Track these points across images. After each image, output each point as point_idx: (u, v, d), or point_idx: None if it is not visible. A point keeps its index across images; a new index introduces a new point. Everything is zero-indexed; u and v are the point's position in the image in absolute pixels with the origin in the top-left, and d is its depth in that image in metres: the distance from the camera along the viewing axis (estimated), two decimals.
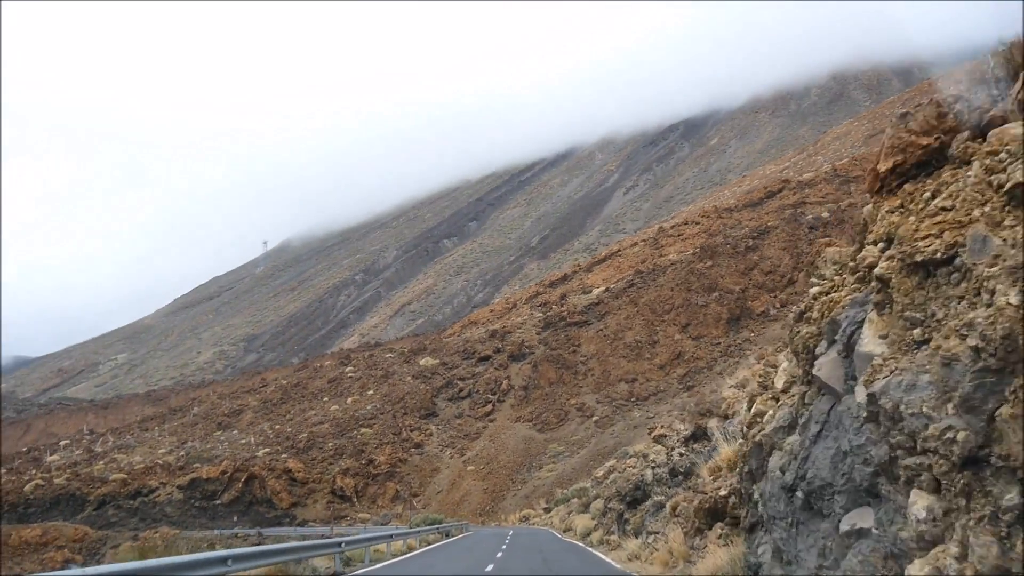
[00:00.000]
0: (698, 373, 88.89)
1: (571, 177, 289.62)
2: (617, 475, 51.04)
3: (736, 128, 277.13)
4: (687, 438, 21.88)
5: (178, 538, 75.55)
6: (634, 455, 54.70)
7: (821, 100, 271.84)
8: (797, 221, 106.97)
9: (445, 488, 79.98)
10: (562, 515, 53.51)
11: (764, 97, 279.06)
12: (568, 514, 49.68)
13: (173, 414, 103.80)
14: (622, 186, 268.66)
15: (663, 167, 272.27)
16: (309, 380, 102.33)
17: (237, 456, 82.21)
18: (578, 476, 77.54)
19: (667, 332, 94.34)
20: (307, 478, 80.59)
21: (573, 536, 37.49)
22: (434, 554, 27.59)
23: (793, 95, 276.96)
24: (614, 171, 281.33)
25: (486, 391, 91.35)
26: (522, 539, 36.63)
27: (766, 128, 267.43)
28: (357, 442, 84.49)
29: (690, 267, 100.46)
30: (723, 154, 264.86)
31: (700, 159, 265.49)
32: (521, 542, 33.93)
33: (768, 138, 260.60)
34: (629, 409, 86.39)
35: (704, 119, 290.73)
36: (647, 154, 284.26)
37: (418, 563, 23.15)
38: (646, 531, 18.07)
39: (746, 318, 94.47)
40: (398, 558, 25.41)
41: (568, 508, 53.92)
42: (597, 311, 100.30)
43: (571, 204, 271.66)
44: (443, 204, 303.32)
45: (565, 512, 53.47)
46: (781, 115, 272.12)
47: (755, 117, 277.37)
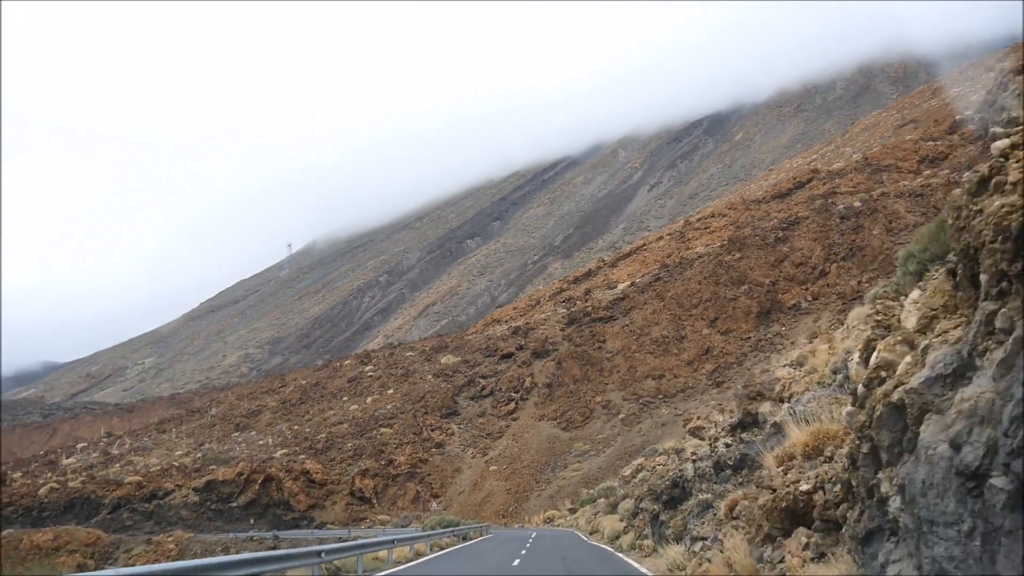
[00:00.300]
0: (728, 368, 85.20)
1: (594, 175, 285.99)
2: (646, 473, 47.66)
3: (761, 123, 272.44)
4: (733, 427, 18.48)
5: (192, 541, 72.91)
6: (664, 452, 51.37)
7: (847, 93, 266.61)
8: (828, 211, 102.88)
9: (467, 489, 76.78)
10: (588, 516, 50.14)
11: (789, 91, 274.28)
12: (594, 515, 46.32)
13: (191, 416, 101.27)
14: (646, 183, 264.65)
15: (687, 164, 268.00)
16: (328, 380, 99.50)
17: (254, 457, 79.45)
18: (604, 476, 74.14)
19: (695, 327, 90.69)
20: (325, 479, 77.66)
21: (600, 539, 34.18)
22: (443, 561, 24.40)
23: (818, 89, 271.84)
24: (638, 168, 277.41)
25: (509, 389, 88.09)
26: (544, 542, 33.34)
27: (791, 123, 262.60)
28: (377, 442, 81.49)
29: (718, 259, 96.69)
30: (748, 149, 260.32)
31: (724, 155, 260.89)
32: (543, 546, 30.65)
33: (793, 133, 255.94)
34: (656, 406, 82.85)
35: (728, 115, 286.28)
36: (671, 151, 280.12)
37: (422, 573, 19.97)
38: (690, 536, 14.69)
39: (777, 311, 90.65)
40: (401, 567, 22.21)
41: (594, 509, 50.54)
42: (622, 306, 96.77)
43: (595, 202, 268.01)
44: (466, 204, 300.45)
45: (591, 513, 50.09)
46: (806, 109, 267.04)
47: (780, 112, 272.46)
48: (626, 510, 34.17)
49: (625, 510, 34.23)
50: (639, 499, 28.25)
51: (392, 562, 22.53)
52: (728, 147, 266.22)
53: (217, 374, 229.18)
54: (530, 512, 71.77)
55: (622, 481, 46.92)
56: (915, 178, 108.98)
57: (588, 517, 49.03)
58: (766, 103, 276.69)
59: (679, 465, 21.06)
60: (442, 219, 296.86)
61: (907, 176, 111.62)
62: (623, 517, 33.63)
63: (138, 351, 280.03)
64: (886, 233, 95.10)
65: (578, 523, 54.18)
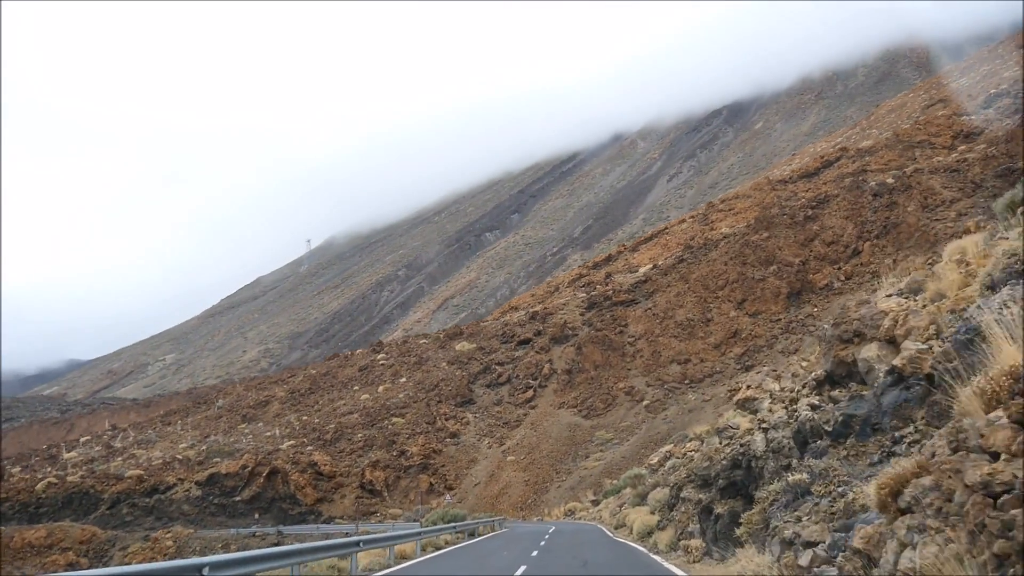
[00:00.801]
0: (757, 352, 79.49)
1: (613, 166, 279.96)
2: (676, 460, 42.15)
3: (781, 111, 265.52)
4: (819, 382, 13.03)
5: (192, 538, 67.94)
6: (695, 437, 45.98)
7: (869, 80, 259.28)
8: (859, 188, 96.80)
9: (483, 480, 71.51)
10: (613, 508, 44.72)
11: (810, 79, 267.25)
12: (620, 507, 40.88)
13: (197, 407, 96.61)
14: (665, 174, 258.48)
15: (707, 153, 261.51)
16: (339, 369, 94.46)
17: (260, 449, 74.53)
18: (628, 465, 68.65)
19: (721, 309, 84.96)
20: (334, 471, 72.64)
21: (628, 535, 28.77)
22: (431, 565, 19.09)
23: (839, 76, 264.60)
24: (657, 159, 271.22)
25: (526, 376, 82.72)
26: (562, 539, 28.02)
27: (812, 110, 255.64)
28: (388, 432, 76.36)
29: (744, 239, 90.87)
30: (768, 138, 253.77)
31: (745, 144, 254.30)
32: (560, 543, 25.32)
33: (815, 120, 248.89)
34: (682, 392, 77.27)
35: (748, 104, 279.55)
36: (690, 141, 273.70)
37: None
38: (779, 538, 9.22)
39: (808, 292, 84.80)
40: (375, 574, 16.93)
41: (619, 500, 45.10)
42: (644, 289, 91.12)
43: (614, 193, 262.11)
44: (485, 197, 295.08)
45: (616, 504, 44.65)
46: (827, 96, 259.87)
47: (800, 99, 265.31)
48: (658, 501, 28.73)
49: (657, 501, 28.79)
50: (677, 487, 22.83)
51: (361, 570, 17.21)
52: (748, 136, 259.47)
53: (237, 369, 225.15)
54: (550, 504, 66.44)
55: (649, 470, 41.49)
56: (949, 153, 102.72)
57: (613, 509, 43.62)
58: (786, 91, 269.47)
59: (743, 439, 15.53)
60: (460, 212, 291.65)
61: (941, 152, 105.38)
62: (655, 509, 28.23)
63: (159, 348, 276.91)
64: (921, 210, 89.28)
65: (602, 516, 48.80)
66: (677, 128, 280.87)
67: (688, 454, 41.83)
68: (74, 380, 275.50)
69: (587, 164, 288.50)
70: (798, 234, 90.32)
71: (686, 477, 21.73)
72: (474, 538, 32.15)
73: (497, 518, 45.32)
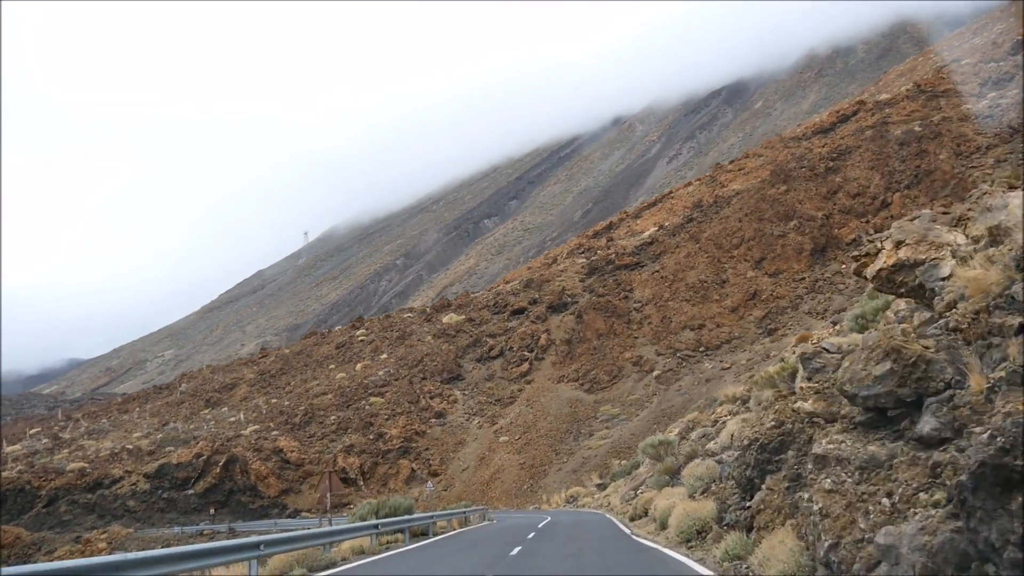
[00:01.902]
0: (781, 314, 68.42)
1: (612, 150, 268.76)
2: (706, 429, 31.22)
3: (781, 90, 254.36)
4: None
5: (130, 538, 56.42)
6: (726, 401, 35.27)
7: (869, 56, 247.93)
8: (884, 137, 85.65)
9: (472, 464, 60.46)
10: (625, 493, 33.61)
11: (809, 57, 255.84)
12: (635, 490, 29.74)
13: (158, 393, 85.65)
14: (664, 156, 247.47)
15: (706, 134, 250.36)
16: (315, 348, 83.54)
17: (218, 436, 63.53)
18: (639, 442, 57.50)
19: (737, 269, 73.83)
20: (302, 459, 61.67)
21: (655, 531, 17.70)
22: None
23: (839, 52, 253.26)
24: (656, 141, 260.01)
25: (521, 348, 71.64)
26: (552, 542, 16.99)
27: (812, 88, 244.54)
28: (365, 413, 65.38)
29: (760, 194, 79.70)
30: (768, 117, 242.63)
31: (745, 123, 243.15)
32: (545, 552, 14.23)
33: (815, 98, 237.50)
34: (697, 360, 66.21)
35: (747, 83, 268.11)
36: (689, 122, 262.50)
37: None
38: None
39: (833, 248, 73.73)
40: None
41: (633, 481, 33.98)
42: (651, 251, 79.97)
43: (612, 177, 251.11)
44: (483, 185, 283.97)
45: (628, 488, 33.51)
46: (828, 74, 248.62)
47: (800, 78, 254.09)
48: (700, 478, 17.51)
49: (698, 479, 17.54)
50: (742, 455, 11.68)
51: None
52: (748, 116, 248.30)
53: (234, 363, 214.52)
54: (549, 490, 55.43)
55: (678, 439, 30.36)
56: (978, 101, 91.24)
57: (625, 494, 32.54)
58: (786, 70, 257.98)
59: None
60: (459, 201, 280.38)
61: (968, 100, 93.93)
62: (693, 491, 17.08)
63: (158, 344, 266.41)
64: (955, 157, 78.30)
65: (610, 502, 37.80)
66: (675, 111, 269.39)
67: (721, 420, 31.11)
68: (73, 379, 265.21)
69: (585, 148, 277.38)
70: (819, 186, 79.18)
71: (751, 438, 10.71)
72: (422, 539, 21.16)
73: (475, 508, 34.32)
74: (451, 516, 30.38)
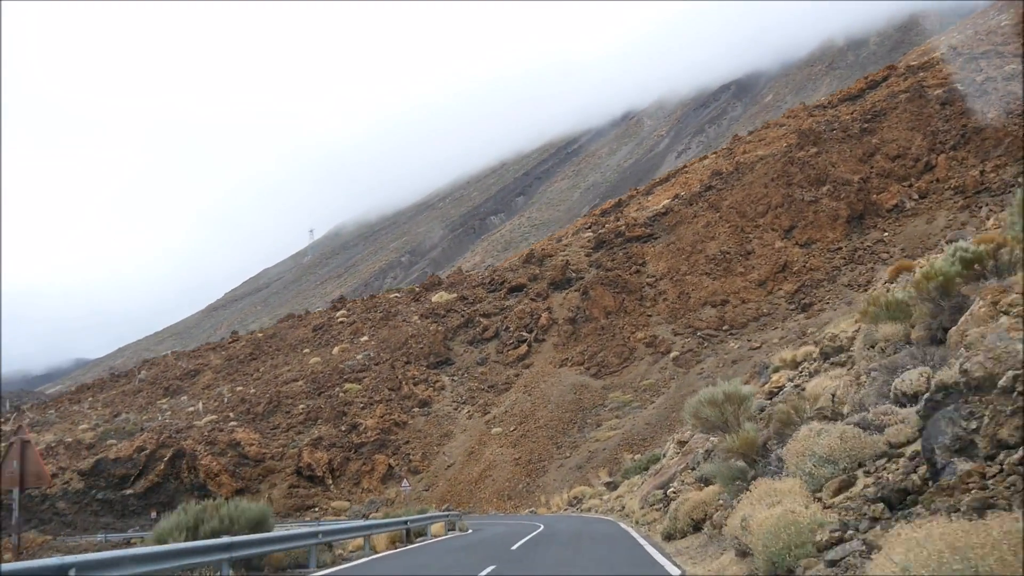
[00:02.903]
0: (816, 287, 58.11)
1: (620, 145, 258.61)
2: (792, 392, 21.10)
3: (791, 84, 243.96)
4: None
5: (45, 548, 46.43)
6: (783, 366, 25.50)
7: (881, 48, 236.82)
8: (923, 97, 75.34)
9: (459, 460, 50.26)
10: (647, 493, 23.32)
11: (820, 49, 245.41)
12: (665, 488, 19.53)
13: (115, 381, 76.09)
14: (673, 150, 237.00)
15: (716, 128, 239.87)
16: (290, 330, 73.76)
17: (168, 427, 53.56)
18: (655, 433, 47.40)
19: (764, 239, 63.55)
20: (263, 453, 51.65)
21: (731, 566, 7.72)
22: None
23: (851, 45, 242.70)
24: (664, 136, 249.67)
25: (519, 328, 61.47)
26: None
27: (823, 81, 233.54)
28: (338, 402, 55.34)
29: (788, 157, 69.44)
30: (778, 111, 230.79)
31: (755, 117, 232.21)
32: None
33: (826, 91, 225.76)
34: (721, 340, 55.94)
35: (756, 77, 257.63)
36: (698, 116, 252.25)
37: None
38: None
39: (872, 215, 63.39)
40: None
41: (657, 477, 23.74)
42: (665, 223, 69.76)
43: (620, 172, 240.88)
44: (489, 181, 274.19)
45: (652, 485, 23.24)
46: (839, 67, 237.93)
47: (810, 71, 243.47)
48: (830, 459, 7.37)
49: (827, 460, 7.38)
50: None
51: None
52: (758, 109, 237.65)
53: None
54: (548, 490, 45.28)
55: None
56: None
57: (648, 495, 22.26)
58: (796, 63, 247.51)
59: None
60: (465, 197, 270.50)
61: (1012, 61, 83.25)
62: (826, 486, 6.99)
63: (162, 343, 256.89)
64: (1005, 115, 67.89)
65: (624, 506, 27.63)
66: (685, 105, 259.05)
67: (791, 385, 21.46)
68: (77, 378, 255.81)
69: (593, 144, 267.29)
70: (854, 148, 68.88)
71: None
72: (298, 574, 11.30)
73: (434, 515, 24.18)
74: (399, 526, 20.26)
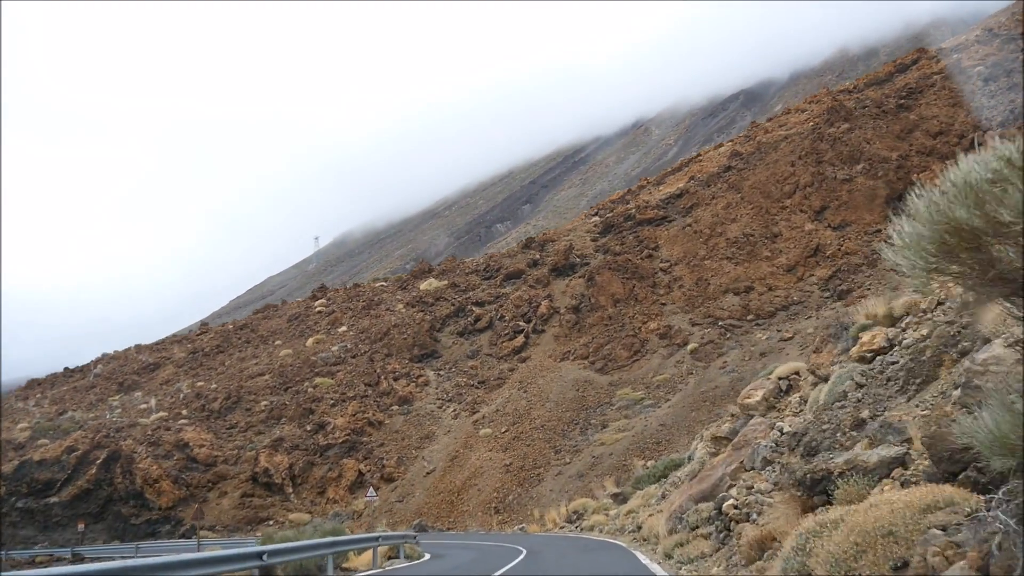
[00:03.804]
0: (854, 273, 49.67)
1: (627, 154, 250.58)
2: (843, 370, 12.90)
3: (801, 93, 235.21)
4: None
5: None
6: (875, 320, 16.56)
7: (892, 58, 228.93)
8: (964, 73, 67.15)
9: (440, 466, 41.83)
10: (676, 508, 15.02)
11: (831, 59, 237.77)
12: (735, 509, 11.24)
13: (69, 377, 68.06)
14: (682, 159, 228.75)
15: (724, 137, 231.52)
16: (262, 321, 65.85)
17: (107, 425, 45.34)
18: (671, 435, 38.99)
19: (792, 221, 55.21)
20: (215, 456, 43.38)
21: None
22: None
23: (862, 56, 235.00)
24: (672, 145, 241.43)
25: (515, 317, 53.15)
26: None
27: None
28: (305, 398, 47.10)
29: (817, 133, 61.20)
30: None
31: None
32: None
33: None
34: (745, 331, 47.55)
35: (766, 87, 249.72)
36: (706, 126, 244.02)
37: None
38: None
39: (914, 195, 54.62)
40: None
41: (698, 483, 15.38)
42: (680, 205, 61.57)
43: (628, 181, 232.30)
44: (496, 190, 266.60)
45: (689, 495, 14.90)
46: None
47: (821, 81, 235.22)
48: None
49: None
50: None
51: None
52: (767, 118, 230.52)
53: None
54: (543, 502, 36.85)
55: None
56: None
57: (680, 511, 13.95)
58: (805, 72, 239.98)
59: None
60: (471, 205, 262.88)
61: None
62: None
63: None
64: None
65: (639, 524, 19.17)
66: (694, 113, 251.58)
67: (868, 352, 12.60)
68: None
69: (600, 152, 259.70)
70: (891, 124, 60.59)
71: None
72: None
73: (360, 536, 15.95)
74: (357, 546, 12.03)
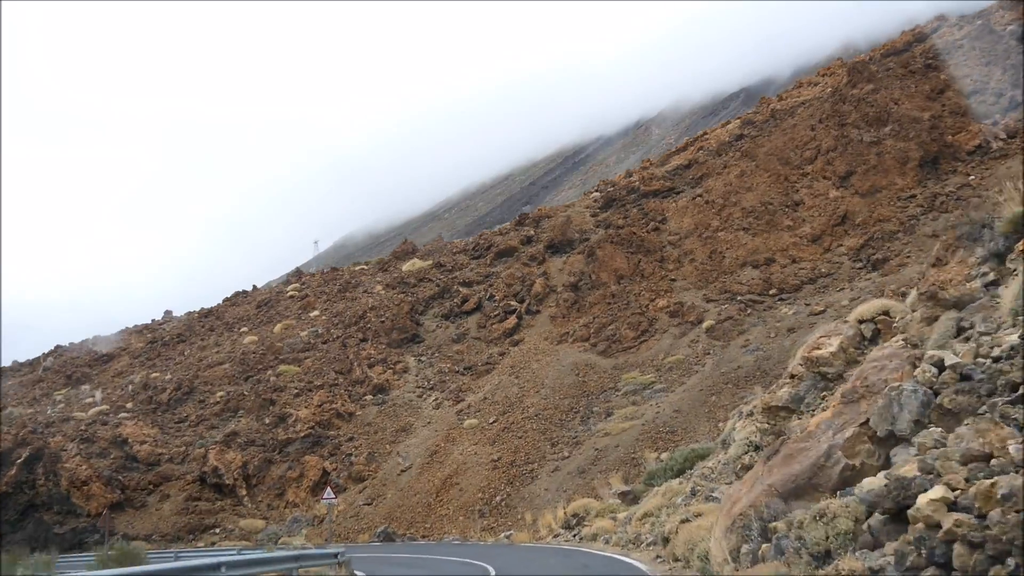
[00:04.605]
0: (889, 240, 43.10)
1: (628, 154, 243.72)
2: None
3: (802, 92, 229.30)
4: None
5: None
6: None
7: None
8: (993, 33, 60.66)
9: (418, 462, 35.10)
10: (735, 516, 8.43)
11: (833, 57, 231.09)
12: None
13: (18, 371, 61.67)
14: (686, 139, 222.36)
15: None
16: (228, 308, 59.38)
17: (34, 420, 38.72)
18: (687, 422, 32.23)
19: (814, 188, 48.55)
20: (159, 454, 36.76)
21: None
22: None
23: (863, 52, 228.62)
24: (673, 144, 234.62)
25: (507, 296, 46.49)
26: None
27: None
28: (266, 387, 40.46)
29: (839, 95, 54.61)
30: None
31: None
32: None
33: None
34: (768, 306, 40.92)
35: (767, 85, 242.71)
36: (707, 125, 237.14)
37: None
38: None
39: (949, 158, 48.30)
40: None
41: (789, 462, 8.77)
42: (688, 176, 55.03)
43: None
44: (496, 191, 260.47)
45: (762, 489, 8.31)
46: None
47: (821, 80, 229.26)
48: None
49: None
50: None
51: None
52: None
53: None
54: (537, 503, 30.14)
55: None
56: None
57: (748, 515, 7.40)
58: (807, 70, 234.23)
59: None
60: (471, 207, 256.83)
61: None
62: None
63: None
64: None
65: (666, 532, 12.43)
66: (694, 113, 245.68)
67: None
68: None
69: (601, 153, 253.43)
70: (920, 84, 53.90)
71: None
72: None
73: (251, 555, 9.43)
74: None
